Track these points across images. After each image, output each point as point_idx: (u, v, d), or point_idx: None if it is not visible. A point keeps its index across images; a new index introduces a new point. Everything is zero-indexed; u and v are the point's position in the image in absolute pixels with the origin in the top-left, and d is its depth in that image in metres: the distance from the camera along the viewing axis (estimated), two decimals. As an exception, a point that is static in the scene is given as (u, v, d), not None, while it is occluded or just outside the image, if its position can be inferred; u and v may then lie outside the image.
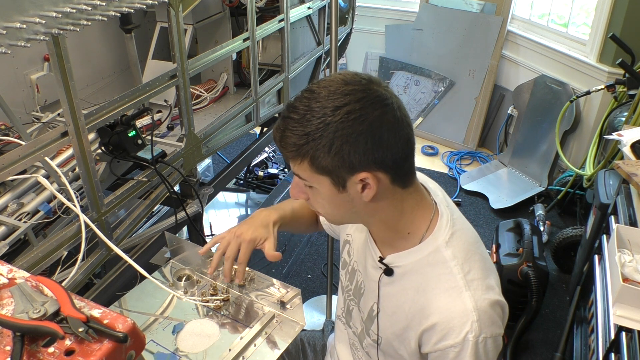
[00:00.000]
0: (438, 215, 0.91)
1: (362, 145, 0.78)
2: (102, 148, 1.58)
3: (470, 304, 0.83)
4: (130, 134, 1.58)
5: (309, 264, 2.64)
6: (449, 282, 0.86)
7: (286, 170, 3.37)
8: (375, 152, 0.79)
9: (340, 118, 0.77)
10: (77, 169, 1.43)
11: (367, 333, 1.03)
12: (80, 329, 0.60)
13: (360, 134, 0.77)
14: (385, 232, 0.93)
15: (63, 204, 1.34)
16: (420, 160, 3.74)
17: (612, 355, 1.26)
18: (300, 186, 0.89)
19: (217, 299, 1.19)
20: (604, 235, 1.62)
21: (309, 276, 2.56)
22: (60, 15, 1.11)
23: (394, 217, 0.89)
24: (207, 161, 3.35)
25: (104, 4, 1.22)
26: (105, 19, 1.24)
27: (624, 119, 2.29)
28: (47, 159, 1.28)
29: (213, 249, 1.14)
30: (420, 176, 0.96)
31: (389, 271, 0.93)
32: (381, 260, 0.94)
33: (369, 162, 0.79)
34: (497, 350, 0.87)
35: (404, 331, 0.92)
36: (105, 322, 0.62)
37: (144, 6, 1.38)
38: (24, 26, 1.03)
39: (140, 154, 1.63)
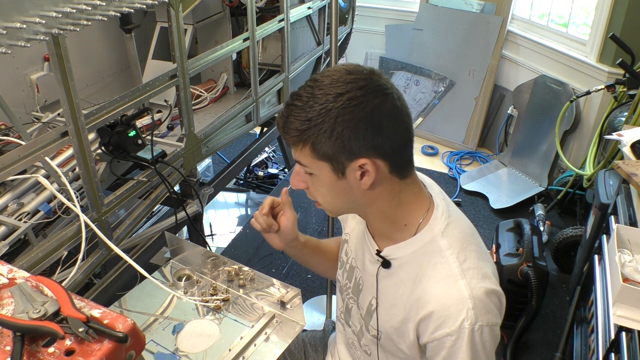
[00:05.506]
0: (434, 207, 0.92)
1: (362, 131, 0.80)
2: (102, 148, 1.58)
3: (466, 292, 0.84)
4: (130, 134, 1.58)
5: (309, 264, 2.64)
6: (444, 271, 0.87)
7: (286, 170, 3.37)
8: (374, 138, 0.81)
9: (342, 104, 0.79)
10: (77, 169, 1.43)
11: (367, 329, 1.03)
12: (81, 329, 0.60)
13: (360, 120, 0.79)
14: (382, 223, 0.94)
15: (63, 204, 1.34)
16: (420, 160, 3.73)
17: (612, 355, 1.26)
18: (300, 174, 0.91)
19: (217, 299, 1.19)
20: (604, 235, 1.61)
21: (309, 276, 2.56)
22: (60, 15, 1.11)
23: (392, 208, 0.90)
24: (207, 161, 3.35)
25: (104, 4, 1.23)
26: (105, 19, 1.25)
27: (624, 119, 2.29)
28: (47, 159, 1.28)
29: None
30: (417, 173, 0.97)
31: (386, 263, 0.94)
32: (378, 253, 0.95)
33: (368, 148, 0.81)
34: (494, 341, 0.87)
35: (403, 323, 0.92)
36: (105, 322, 0.62)
37: (144, 6, 1.38)
38: (24, 26, 1.04)
39: (140, 154, 1.63)
